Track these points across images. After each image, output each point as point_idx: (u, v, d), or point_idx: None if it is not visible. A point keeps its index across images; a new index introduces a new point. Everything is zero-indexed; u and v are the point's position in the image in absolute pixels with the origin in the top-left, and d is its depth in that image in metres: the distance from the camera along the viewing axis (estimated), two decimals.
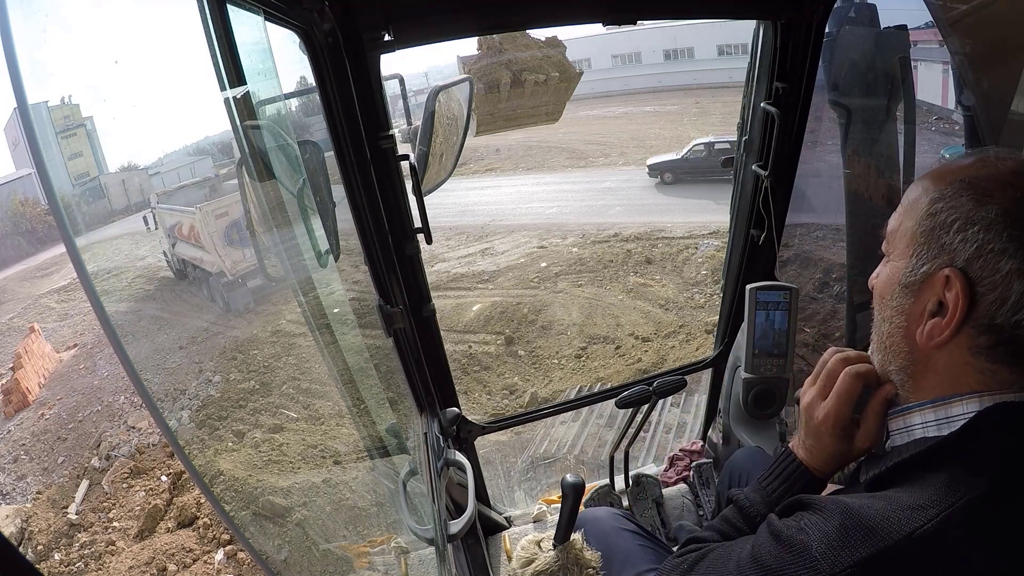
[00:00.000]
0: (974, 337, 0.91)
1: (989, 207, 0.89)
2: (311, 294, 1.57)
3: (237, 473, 7.06)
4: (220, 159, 15.60)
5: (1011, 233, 0.87)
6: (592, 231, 16.04)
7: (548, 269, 14.30)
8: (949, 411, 0.93)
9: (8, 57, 0.72)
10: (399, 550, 2.11)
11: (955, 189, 0.94)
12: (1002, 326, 0.88)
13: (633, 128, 26.81)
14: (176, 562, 7.41)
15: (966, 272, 0.90)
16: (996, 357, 0.90)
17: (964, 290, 0.90)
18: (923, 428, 0.97)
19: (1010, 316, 0.88)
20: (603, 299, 12.70)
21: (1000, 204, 0.89)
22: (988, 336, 0.90)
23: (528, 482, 6.96)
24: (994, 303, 0.88)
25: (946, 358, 0.94)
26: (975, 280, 0.90)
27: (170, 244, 15.53)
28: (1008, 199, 0.89)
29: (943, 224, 0.93)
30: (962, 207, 0.92)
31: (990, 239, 0.88)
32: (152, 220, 16.07)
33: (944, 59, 1.98)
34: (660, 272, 13.42)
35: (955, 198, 0.93)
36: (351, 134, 1.70)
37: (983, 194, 0.91)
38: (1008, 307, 0.88)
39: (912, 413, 0.99)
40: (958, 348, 0.93)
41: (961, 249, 0.91)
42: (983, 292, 0.89)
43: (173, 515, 8.35)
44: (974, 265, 0.90)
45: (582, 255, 14.82)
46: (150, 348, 12.02)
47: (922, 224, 0.97)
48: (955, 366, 0.94)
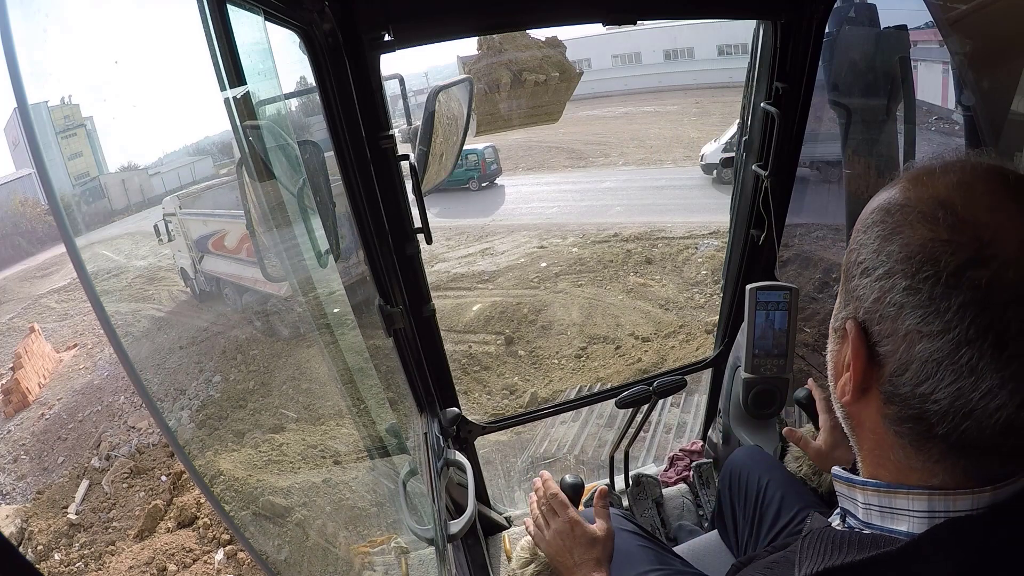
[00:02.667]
0: (884, 403, 0.78)
1: (893, 246, 0.75)
2: (311, 294, 1.57)
3: (237, 473, 7.05)
4: (220, 159, 15.14)
5: (909, 284, 0.72)
6: (592, 231, 16.04)
7: (548, 269, 14.30)
8: (893, 502, 0.79)
9: (8, 57, 0.72)
10: (399, 550, 2.11)
11: (871, 219, 0.79)
12: (906, 397, 0.75)
13: (633, 128, 26.82)
14: (176, 562, 7.41)
15: (865, 327, 0.78)
16: (911, 437, 0.77)
17: (860, 347, 0.78)
18: (866, 509, 0.84)
19: (913, 387, 0.73)
20: (603, 299, 12.69)
21: (903, 243, 0.74)
22: (895, 406, 0.77)
23: (528, 482, 6.95)
24: (897, 370, 0.75)
25: (869, 421, 0.83)
26: (876, 338, 0.77)
27: (195, 257, 12.64)
28: (915, 236, 0.73)
29: (854, 263, 0.81)
30: (869, 244, 0.78)
31: (888, 288, 0.74)
32: (166, 229, 13.13)
33: (944, 59, 1.98)
34: (660, 272, 13.42)
35: (868, 230, 0.79)
36: (351, 134, 1.70)
37: (892, 229, 0.76)
38: (910, 375, 0.73)
39: (856, 488, 0.86)
40: (875, 411, 0.80)
41: (863, 296, 0.78)
42: (886, 353, 0.76)
43: (173, 515, 8.34)
44: (873, 318, 0.77)
45: (582, 255, 14.82)
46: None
47: (846, 259, 0.84)
48: (879, 432, 0.81)
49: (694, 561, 1.72)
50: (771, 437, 2.22)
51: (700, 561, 1.82)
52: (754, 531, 1.78)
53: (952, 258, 0.69)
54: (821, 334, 3.16)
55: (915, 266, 0.71)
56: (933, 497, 0.75)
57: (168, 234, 13.13)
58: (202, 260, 12.41)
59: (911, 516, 0.77)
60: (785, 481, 1.82)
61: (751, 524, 1.80)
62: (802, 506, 1.70)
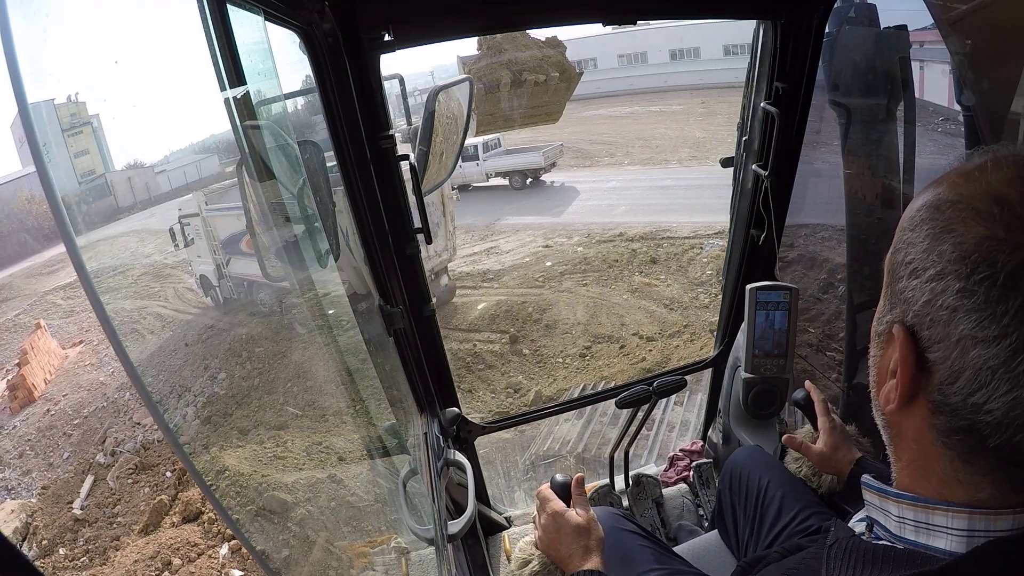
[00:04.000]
0: (932, 413, 0.73)
1: (945, 246, 0.70)
2: (310, 294, 1.57)
3: (238, 472, 7.08)
4: (226, 157, 15.03)
5: (963, 287, 0.67)
6: (597, 230, 16.04)
7: (553, 268, 14.29)
8: (931, 518, 0.75)
9: (8, 57, 0.73)
10: (399, 550, 2.12)
11: (920, 216, 0.74)
12: (956, 408, 0.70)
13: (639, 128, 26.79)
14: (181, 556, 7.43)
15: (914, 332, 0.73)
16: (959, 449, 0.72)
17: (908, 354, 0.73)
18: (899, 522, 0.79)
19: (965, 396, 0.69)
20: (608, 298, 12.68)
21: (956, 242, 0.69)
22: (944, 416, 0.72)
23: (528, 482, 6.97)
24: (948, 378, 0.70)
25: (913, 431, 0.78)
26: (925, 344, 0.72)
27: (222, 261, 11.32)
28: (969, 235, 0.68)
29: (901, 263, 0.76)
30: (919, 243, 0.73)
31: (940, 291, 0.69)
32: (182, 233, 11.37)
33: (944, 59, 1.98)
34: (665, 272, 13.40)
35: (917, 229, 0.74)
36: (351, 134, 1.71)
37: (944, 226, 0.71)
38: (962, 384, 0.68)
39: (889, 500, 0.81)
40: (922, 421, 0.75)
41: (912, 299, 0.73)
42: (936, 360, 0.71)
43: (178, 510, 8.37)
44: (923, 323, 0.72)
45: (587, 254, 14.81)
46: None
47: (891, 260, 0.79)
48: (924, 443, 0.76)
49: (694, 561, 1.72)
50: (771, 437, 2.22)
51: (700, 561, 1.82)
52: (754, 531, 1.78)
53: (1010, 258, 0.64)
54: (825, 334, 3.16)
55: (970, 267, 0.67)
56: (974, 516, 0.71)
57: (185, 238, 11.56)
58: (229, 263, 11.14)
59: (950, 534, 0.73)
60: (785, 481, 1.81)
61: (751, 524, 1.79)
62: (802, 506, 1.70)
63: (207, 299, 12.27)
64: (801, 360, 3.11)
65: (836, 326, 3.12)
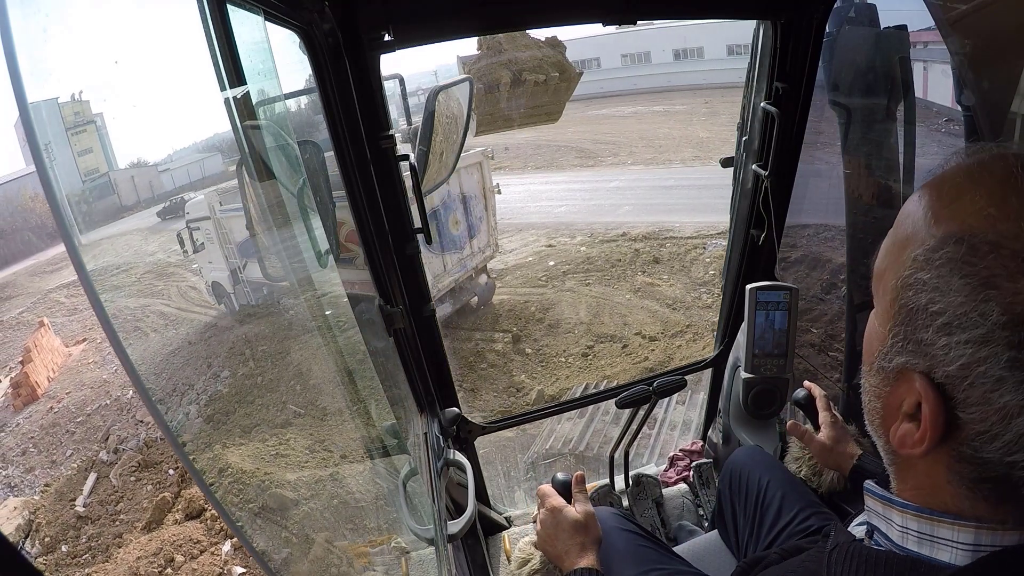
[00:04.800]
0: (954, 460, 0.70)
1: (990, 304, 0.62)
2: (310, 294, 1.58)
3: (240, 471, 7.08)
4: (229, 156, 14.90)
5: (1016, 356, 0.60)
6: (600, 230, 16.01)
7: (556, 268, 14.28)
8: (936, 530, 0.73)
9: (8, 56, 0.73)
10: (399, 550, 2.12)
11: (947, 256, 0.66)
12: (991, 462, 0.66)
13: (642, 128, 26.75)
14: (184, 553, 7.44)
15: (945, 390, 0.67)
16: (982, 492, 0.69)
17: (938, 412, 0.68)
18: (902, 532, 0.78)
19: (1002, 455, 0.65)
20: (611, 298, 12.67)
21: (1007, 302, 0.61)
22: (971, 467, 0.69)
23: (529, 482, 6.97)
24: (982, 435, 0.65)
25: (925, 468, 0.75)
26: (958, 402, 0.67)
27: (238, 265, 10.41)
28: (1022, 295, 0.60)
29: (922, 310, 0.68)
30: (951, 294, 0.65)
31: (983, 358, 0.63)
32: (190, 239, 10.89)
33: (944, 59, 1.98)
34: (668, 271, 13.38)
35: (944, 271, 0.66)
36: (351, 134, 1.71)
37: (984, 279, 0.62)
38: (999, 445, 0.64)
39: (893, 509, 0.79)
40: (937, 464, 0.72)
41: (943, 358, 0.67)
42: (968, 420, 0.66)
43: (181, 507, 8.39)
44: (958, 385, 0.66)
45: (590, 254, 14.79)
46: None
47: (901, 294, 0.72)
48: (938, 480, 0.73)
49: (694, 561, 1.72)
50: (771, 437, 2.21)
51: (700, 561, 1.82)
52: (754, 531, 1.77)
53: None
54: (827, 334, 3.16)
55: (1022, 334, 0.60)
56: (981, 531, 0.69)
57: (193, 243, 11.06)
58: (246, 267, 10.36)
59: (954, 547, 0.71)
60: (785, 481, 1.81)
61: (751, 524, 1.79)
62: (802, 506, 1.70)
63: (221, 307, 11.54)
64: (802, 360, 3.11)
65: (838, 326, 3.12)
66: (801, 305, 2.17)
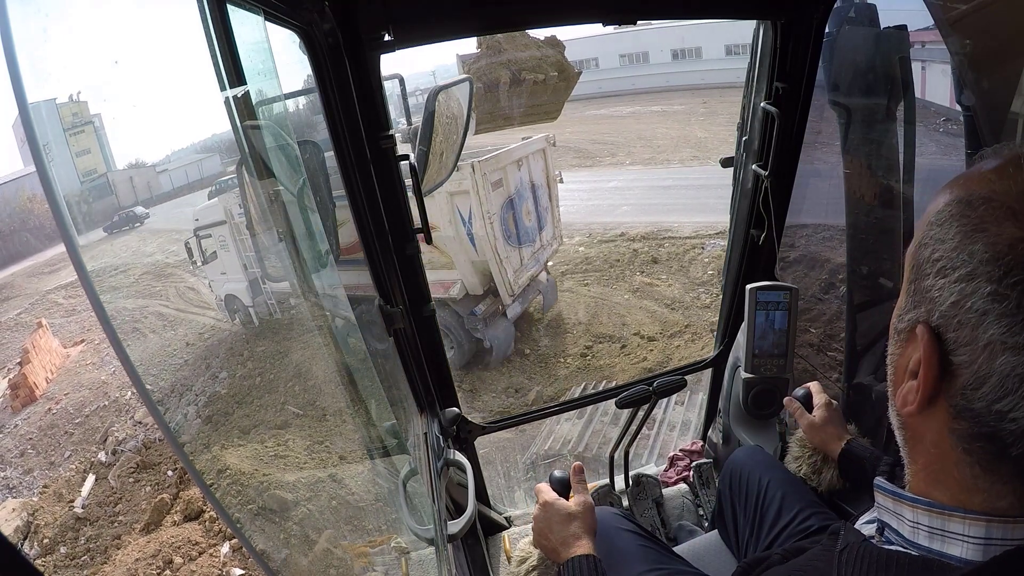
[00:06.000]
0: (952, 418, 0.72)
1: (977, 244, 0.67)
2: (310, 294, 1.58)
3: (239, 472, 7.08)
4: (228, 156, 14.70)
5: (995, 290, 0.65)
6: (599, 230, 16.01)
7: (554, 268, 14.27)
8: (947, 524, 0.73)
9: (8, 56, 0.73)
10: (399, 550, 2.12)
11: (949, 212, 0.72)
12: (979, 414, 0.68)
13: (640, 128, 26.77)
14: (182, 555, 7.42)
15: (939, 333, 0.71)
16: (980, 456, 0.71)
17: (932, 356, 0.71)
18: (913, 528, 0.78)
19: (990, 403, 0.67)
20: (609, 298, 12.67)
21: (989, 243, 0.66)
22: (965, 422, 0.70)
23: (529, 482, 6.96)
24: (970, 383, 0.68)
25: (931, 435, 0.76)
26: (950, 346, 0.70)
27: (259, 275, 9.35)
28: (1003, 236, 0.65)
29: (927, 260, 0.73)
30: (948, 241, 0.70)
31: (969, 292, 0.67)
32: (199, 248, 9.77)
33: (944, 59, 1.98)
34: (666, 272, 13.38)
35: (945, 225, 0.71)
36: (351, 134, 1.70)
37: (975, 225, 0.68)
38: (987, 390, 0.67)
39: (904, 504, 0.80)
40: (941, 425, 0.74)
41: (938, 298, 0.71)
42: (960, 363, 0.69)
43: (180, 509, 8.37)
44: (949, 324, 0.69)
45: (588, 254, 14.79)
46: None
47: (917, 254, 0.76)
48: (943, 448, 0.74)
49: (694, 561, 1.72)
50: (771, 437, 2.22)
51: (700, 561, 1.82)
52: (755, 531, 1.78)
53: None
54: (827, 334, 3.16)
55: (1003, 269, 0.64)
56: (992, 524, 0.70)
57: (203, 253, 9.98)
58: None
59: (966, 541, 0.72)
60: (785, 481, 1.81)
61: (752, 524, 1.79)
62: (802, 506, 1.70)
63: (235, 321, 10.31)
64: (802, 360, 3.11)
65: (837, 326, 3.12)
66: (801, 305, 2.17)
